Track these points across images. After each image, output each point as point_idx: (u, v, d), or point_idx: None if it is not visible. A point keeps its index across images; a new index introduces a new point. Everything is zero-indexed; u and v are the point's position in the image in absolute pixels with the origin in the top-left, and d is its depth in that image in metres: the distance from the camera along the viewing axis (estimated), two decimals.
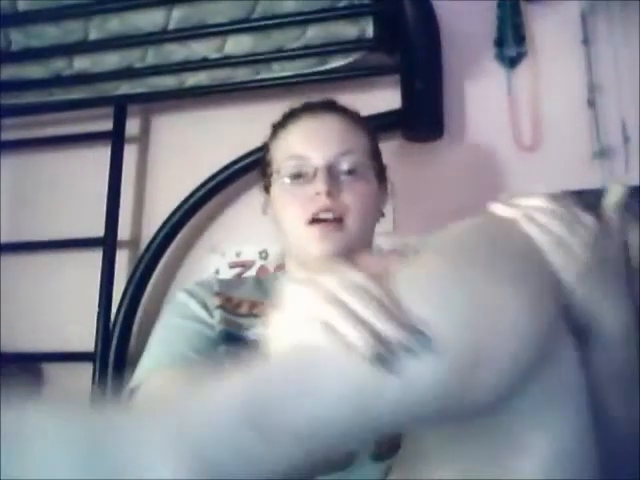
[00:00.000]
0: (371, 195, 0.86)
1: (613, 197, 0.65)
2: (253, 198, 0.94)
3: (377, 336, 0.43)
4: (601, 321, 0.56)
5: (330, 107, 0.89)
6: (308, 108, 0.89)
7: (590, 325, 0.56)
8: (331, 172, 0.82)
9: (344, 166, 0.83)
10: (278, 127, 0.90)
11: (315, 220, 0.80)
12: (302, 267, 0.84)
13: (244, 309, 0.82)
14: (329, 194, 0.80)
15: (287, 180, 0.84)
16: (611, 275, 0.57)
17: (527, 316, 0.48)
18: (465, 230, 0.56)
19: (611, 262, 0.58)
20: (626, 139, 1.25)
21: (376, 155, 0.90)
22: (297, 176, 0.83)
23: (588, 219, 0.57)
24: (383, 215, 0.93)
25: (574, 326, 0.55)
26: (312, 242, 0.80)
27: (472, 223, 0.57)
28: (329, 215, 0.80)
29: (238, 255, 1.41)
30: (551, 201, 0.57)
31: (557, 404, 0.51)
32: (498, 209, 0.58)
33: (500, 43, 1.36)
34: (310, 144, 0.84)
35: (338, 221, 0.80)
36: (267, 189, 0.90)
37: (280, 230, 0.87)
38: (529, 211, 0.56)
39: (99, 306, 1.40)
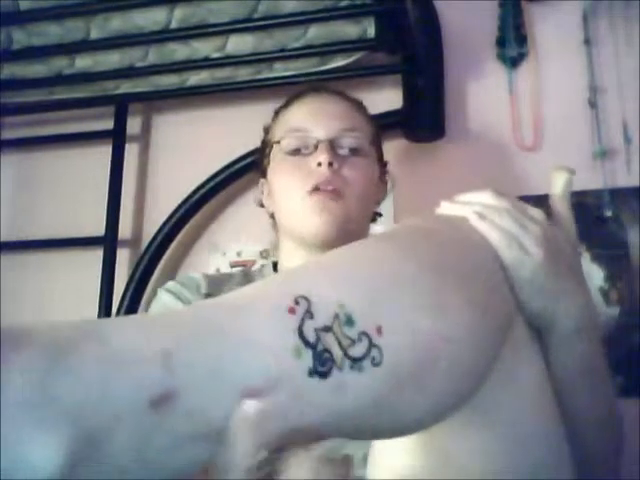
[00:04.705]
0: (372, 177, 0.84)
1: (559, 185, 0.63)
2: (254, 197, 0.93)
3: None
4: (556, 316, 0.53)
5: (334, 91, 0.89)
6: (312, 89, 0.89)
7: (544, 321, 0.53)
8: (333, 146, 0.81)
9: (347, 143, 0.82)
10: (280, 108, 0.89)
11: (315, 190, 0.78)
12: (297, 246, 0.82)
13: None
14: (330, 165, 0.78)
15: (288, 151, 0.82)
16: (564, 268, 0.54)
17: (479, 319, 0.42)
18: (407, 228, 0.52)
19: (563, 254, 0.55)
20: (627, 140, 1.25)
21: (378, 146, 0.89)
22: (298, 150, 0.82)
23: (536, 212, 0.55)
24: (380, 215, 0.91)
25: (530, 322, 0.53)
26: (311, 212, 0.78)
27: (415, 221, 0.54)
28: (329, 187, 0.78)
29: (239, 254, 1.41)
30: (499, 197, 0.55)
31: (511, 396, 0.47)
32: (447, 208, 0.56)
33: (502, 43, 1.36)
34: (313, 119, 0.83)
35: (337, 193, 0.78)
36: (264, 173, 0.88)
37: (276, 207, 0.84)
38: (479, 208, 0.53)
39: (99, 305, 1.40)
